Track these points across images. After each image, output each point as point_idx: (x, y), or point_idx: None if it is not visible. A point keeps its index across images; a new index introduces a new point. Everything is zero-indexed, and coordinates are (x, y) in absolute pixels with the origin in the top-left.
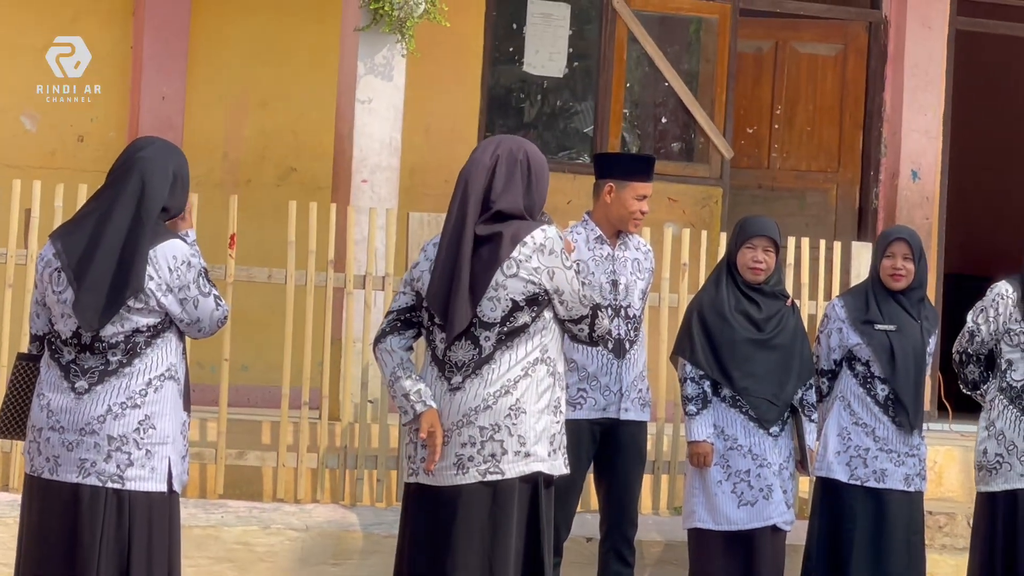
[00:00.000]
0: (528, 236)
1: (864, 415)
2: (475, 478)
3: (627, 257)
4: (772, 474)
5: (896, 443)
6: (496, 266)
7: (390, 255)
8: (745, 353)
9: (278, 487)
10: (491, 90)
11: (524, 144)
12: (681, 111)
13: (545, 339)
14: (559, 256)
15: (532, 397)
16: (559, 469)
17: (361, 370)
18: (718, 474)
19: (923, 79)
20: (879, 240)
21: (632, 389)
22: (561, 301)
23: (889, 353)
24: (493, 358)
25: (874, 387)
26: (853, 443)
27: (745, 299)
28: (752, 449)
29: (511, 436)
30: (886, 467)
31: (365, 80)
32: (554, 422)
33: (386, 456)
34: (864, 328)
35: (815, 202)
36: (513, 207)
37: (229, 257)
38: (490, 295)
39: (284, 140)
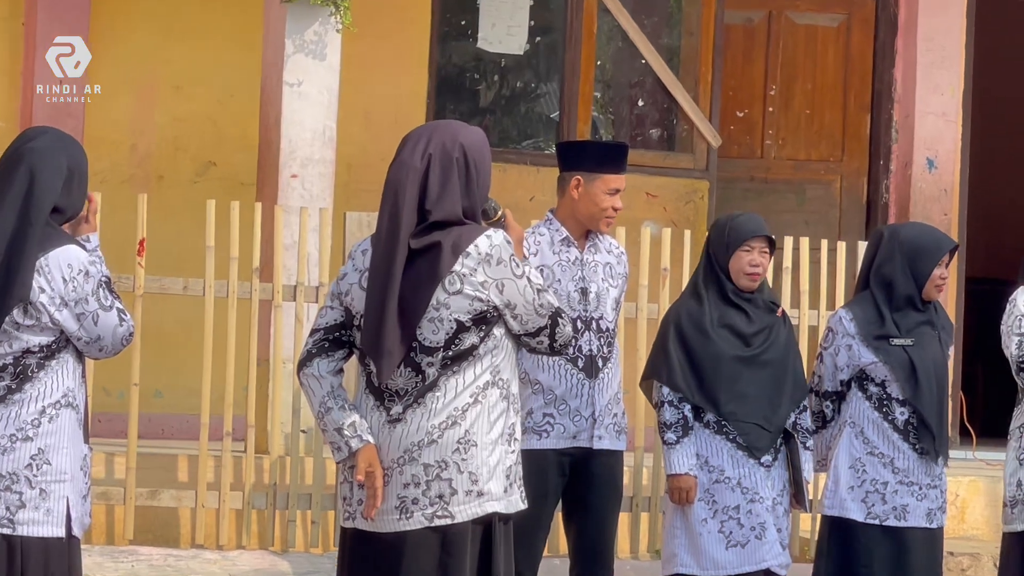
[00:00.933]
0: (471, 245)
1: (880, 443)
2: (421, 523)
3: (598, 261)
4: (765, 510)
5: (918, 474)
6: (436, 282)
7: (324, 261)
8: (732, 372)
9: (197, 531)
10: (441, 70)
11: (458, 134)
12: (660, 93)
13: (497, 359)
14: (508, 265)
15: (483, 427)
16: (516, 505)
17: (292, 395)
18: (703, 511)
19: (939, 53)
20: (923, 245)
21: (606, 414)
22: (514, 315)
23: (909, 370)
24: (437, 385)
25: (892, 410)
26: (869, 476)
27: (732, 309)
28: (742, 482)
29: (461, 473)
30: (907, 502)
31: (294, 60)
32: (508, 452)
33: (321, 495)
34: (878, 344)
35: (816, 196)
36: (452, 214)
37: (138, 265)
38: (431, 316)
39: (201, 130)
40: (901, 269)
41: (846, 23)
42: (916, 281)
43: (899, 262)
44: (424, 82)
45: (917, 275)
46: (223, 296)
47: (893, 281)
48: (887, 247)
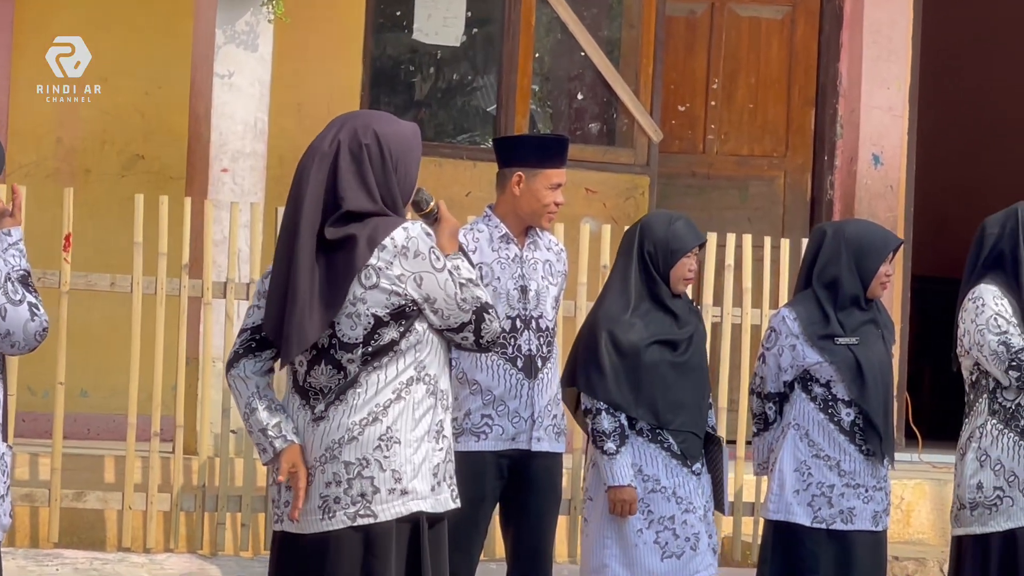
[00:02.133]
0: (387, 238)
1: (826, 446)
2: (343, 523)
3: (537, 259)
4: (698, 520)
5: (864, 476)
6: (352, 276)
7: (256, 258)
8: (667, 380)
9: (124, 534)
10: (375, 62)
11: (373, 121)
12: (600, 86)
13: (421, 355)
14: (427, 257)
15: (407, 423)
16: (446, 504)
17: (222, 395)
18: (638, 522)
19: (885, 46)
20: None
21: (545, 415)
22: (435, 310)
23: (855, 370)
24: (358, 381)
25: (837, 412)
26: (815, 479)
27: (663, 313)
28: (676, 491)
29: (383, 471)
30: (853, 505)
31: (225, 51)
32: (436, 450)
33: (252, 497)
34: (823, 343)
35: (759, 192)
36: (363, 205)
37: (64, 261)
38: (348, 311)
39: (129, 122)
40: (847, 267)
41: (790, 15)
42: (862, 279)
43: (845, 260)
44: (358, 74)
45: (863, 273)
46: (151, 293)
47: (839, 279)
48: (831, 245)
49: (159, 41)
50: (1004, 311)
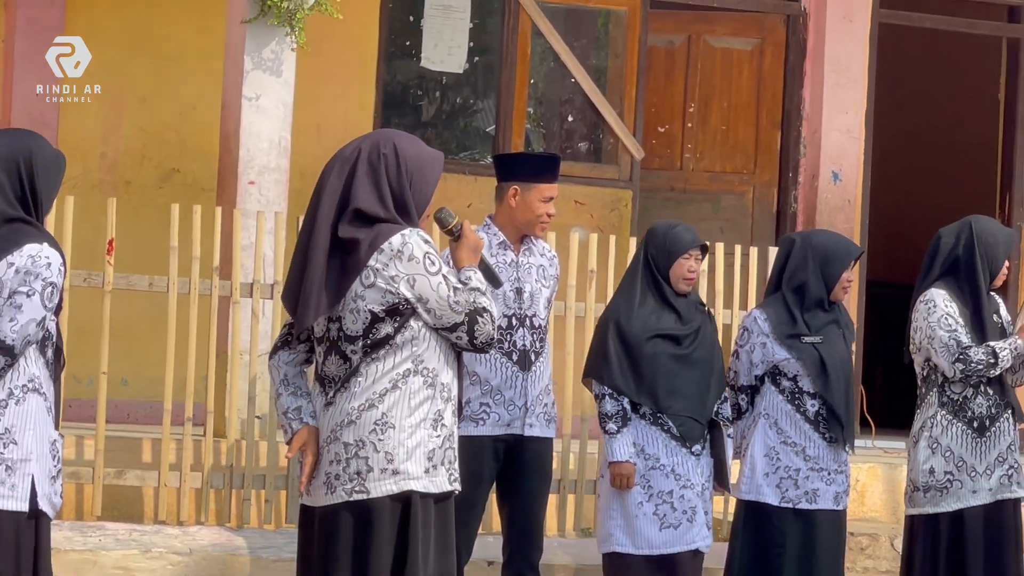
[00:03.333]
0: (385, 242)
1: (793, 433)
2: (341, 498)
3: (532, 263)
4: (695, 495)
5: (827, 460)
6: (354, 275)
7: (279, 261)
8: (668, 370)
9: (160, 508)
10: (386, 87)
11: (395, 137)
12: (589, 109)
13: (418, 349)
14: (421, 262)
15: (403, 411)
16: (441, 486)
17: (248, 384)
18: (639, 495)
19: (844, 75)
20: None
21: (537, 404)
22: (427, 309)
23: (819, 366)
24: (359, 371)
25: (803, 403)
26: (783, 464)
27: (667, 311)
28: (675, 469)
29: (377, 452)
30: (817, 487)
31: (252, 75)
32: (433, 436)
33: (274, 475)
34: (791, 342)
35: (730, 205)
36: (373, 207)
37: (107, 263)
38: (350, 307)
39: (166, 139)
40: (813, 272)
41: (759, 47)
42: (826, 284)
43: (811, 266)
44: (371, 97)
45: (827, 278)
46: (185, 292)
47: (805, 284)
48: (799, 253)
49: (193, 67)
50: (953, 312)
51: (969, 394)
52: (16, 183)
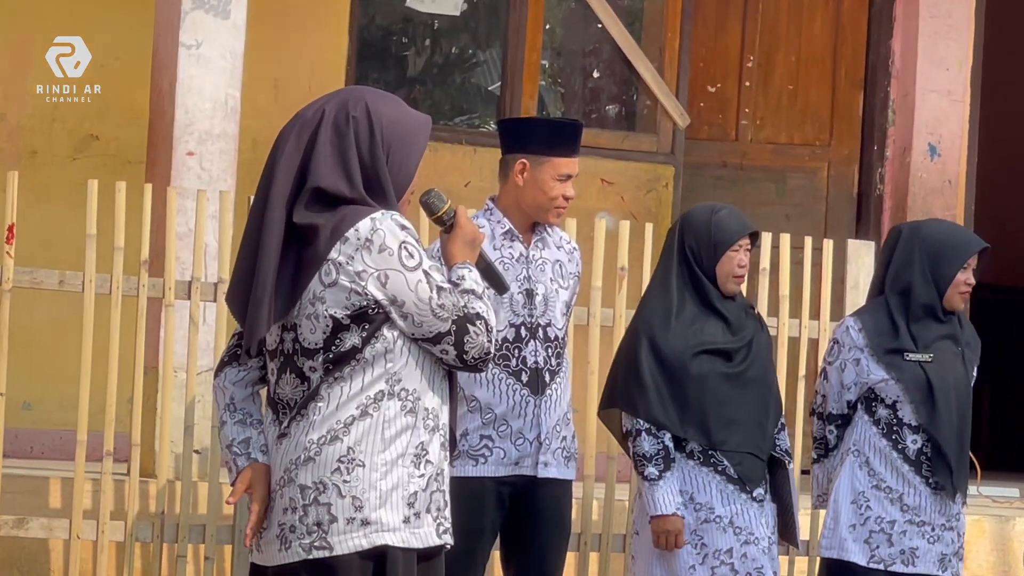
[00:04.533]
0: (351, 229)
1: (889, 476)
2: (298, 555)
3: (546, 258)
4: (761, 552)
5: (931, 513)
6: (312, 272)
7: (225, 253)
8: (719, 394)
9: (71, 567)
10: (363, 32)
11: (368, 96)
12: (620, 63)
13: (393, 366)
14: (395, 254)
15: (374, 444)
16: (427, 539)
17: (184, 410)
18: (690, 558)
19: (945, 22)
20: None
21: (554, 437)
22: (403, 314)
23: (926, 391)
24: (320, 394)
25: (903, 437)
26: (874, 513)
27: (713, 318)
28: (734, 521)
29: (342, 497)
30: (917, 545)
31: (192, 17)
32: (415, 476)
33: (216, 526)
34: (891, 358)
35: (799, 186)
36: (338, 185)
37: (6, 255)
38: (308, 312)
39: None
40: (921, 272)
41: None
42: (937, 287)
43: (919, 265)
44: (343, 46)
45: (939, 280)
46: (105, 292)
47: (911, 286)
48: (905, 247)
49: (116, 6)
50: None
51: None
52: None
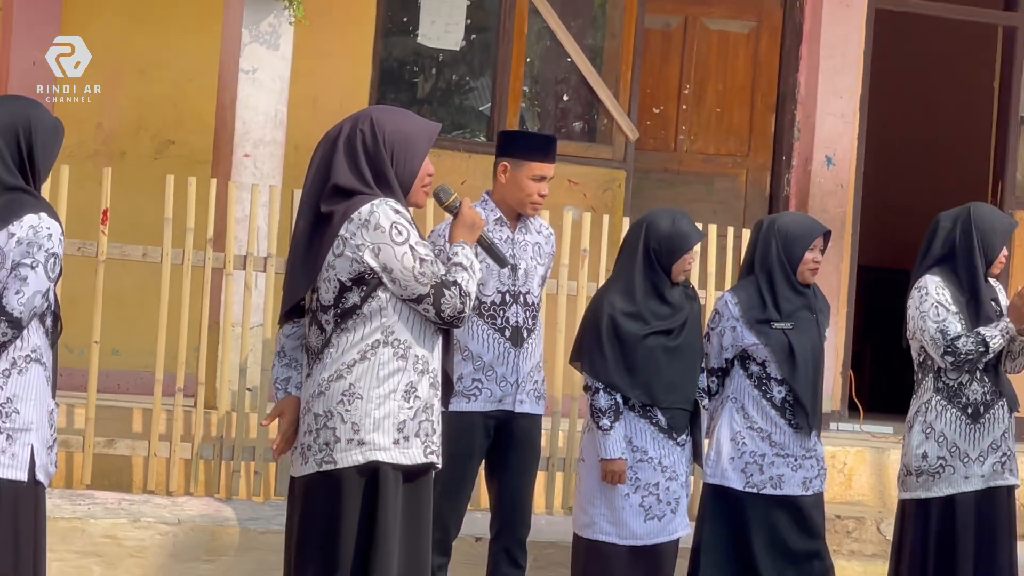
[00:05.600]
0: (355, 212)
1: (759, 419)
2: (313, 468)
3: (528, 241)
4: (680, 486)
5: (793, 447)
6: (328, 246)
7: (273, 234)
8: (661, 364)
9: (149, 478)
10: (383, 62)
11: (376, 112)
12: (584, 89)
13: (388, 320)
14: (387, 232)
15: (370, 382)
16: (414, 458)
17: (240, 356)
18: (626, 487)
19: (840, 60)
20: (795, 231)
21: (528, 380)
22: (392, 280)
23: (787, 353)
24: (331, 342)
25: (770, 389)
26: (748, 449)
27: (661, 303)
28: (662, 461)
29: (344, 423)
30: (783, 472)
31: (250, 48)
32: (404, 407)
33: (264, 447)
34: (760, 327)
35: (724, 187)
36: (351, 182)
37: (101, 234)
38: (324, 276)
39: (162, 110)
40: (777, 255)
41: (756, 30)
42: (791, 265)
43: (775, 248)
44: (368, 73)
45: (791, 260)
46: (179, 264)
47: (772, 267)
48: (765, 236)
49: (191, 38)
50: (945, 300)
51: (964, 381)
52: (15, 151)
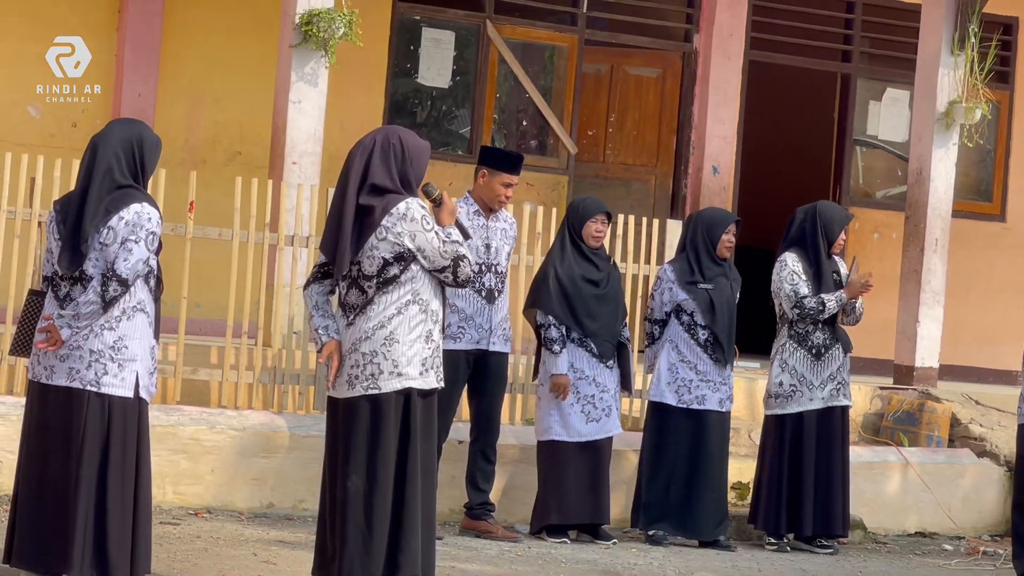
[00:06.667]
0: (394, 208)
1: (688, 354)
2: (360, 392)
3: (498, 227)
4: (611, 397)
5: (713, 375)
6: (371, 232)
7: (313, 220)
8: (591, 305)
9: (223, 397)
10: (392, 96)
11: (399, 131)
12: (538, 117)
13: (416, 285)
14: (419, 222)
15: (405, 330)
16: (431, 384)
17: (288, 308)
18: (570, 398)
19: (723, 97)
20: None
21: (499, 327)
22: (424, 256)
23: (709, 306)
24: (374, 301)
25: (697, 332)
26: (680, 375)
27: (587, 263)
28: (596, 379)
29: (386, 360)
30: (705, 393)
31: (296, 86)
32: (425, 348)
33: (306, 375)
34: (689, 287)
35: (638, 189)
36: (385, 181)
37: (189, 219)
38: (368, 254)
39: (232, 130)
40: (702, 236)
41: (662, 75)
42: (712, 243)
43: (701, 232)
44: (381, 103)
45: (712, 240)
46: (244, 241)
47: (698, 245)
48: (694, 223)
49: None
50: (798, 270)
51: (810, 329)
52: (130, 159)
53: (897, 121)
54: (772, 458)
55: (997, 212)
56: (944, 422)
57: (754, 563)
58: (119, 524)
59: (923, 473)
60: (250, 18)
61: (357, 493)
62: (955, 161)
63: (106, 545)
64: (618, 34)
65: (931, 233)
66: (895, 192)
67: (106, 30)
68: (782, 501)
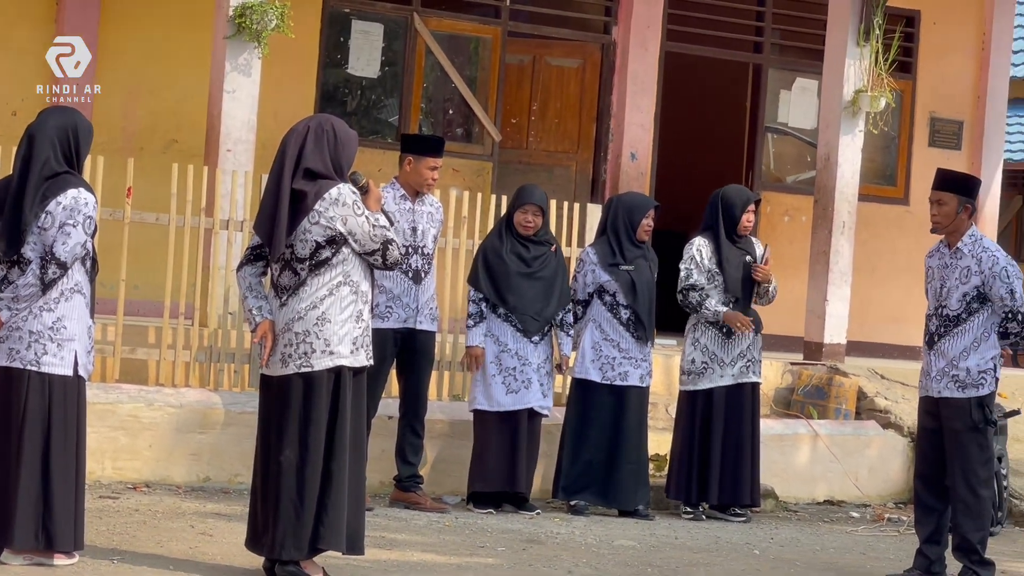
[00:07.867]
0: (327, 193)
1: (611, 332)
2: (293, 370)
3: (424, 211)
4: (532, 371)
5: (635, 352)
6: (304, 216)
7: (247, 205)
8: (515, 283)
9: (160, 375)
10: (323, 86)
11: (331, 119)
12: (463, 105)
13: (347, 267)
14: (351, 207)
15: (336, 311)
16: (362, 362)
17: (224, 290)
18: (493, 369)
19: (640, 87)
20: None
21: (425, 307)
22: (355, 240)
23: (630, 287)
24: (306, 283)
25: (619, 312)
26: (604, 353)
27: (519, 244)
28: (518, 352)
29: (318, 339)
30: (627, 370)
31: (231, 76)
32: (356, 328)
33: (241, 353)
34: (611, 269)
35: (560, 174)
36: (318, 166)
37: (127, 204)
38: (300, 237)
39: (168, 119)
40: (623, 220)
41: (583, 66)
42: (632, 227)
43: (621, 216)
44: (312, 93)
45: (632, 224)
46: (181, 226)
47: (618, 229)
48: (615, 207)
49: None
50: (697, 256)
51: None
52: (65, 146)
53: (806, 109)
54: (684, 431)
55: (901, 196)
56: (851, 396)
57: (671, 531)
58: (63, 497)
59: (831, 444)
60: (186, 10)
61: (290, 467)
62: (861, 147)
63: (51, 518)
64: (540, 26)
65: (839, 216)
66: (804, 177)
67: (44, 21)
68: (692, 472)
